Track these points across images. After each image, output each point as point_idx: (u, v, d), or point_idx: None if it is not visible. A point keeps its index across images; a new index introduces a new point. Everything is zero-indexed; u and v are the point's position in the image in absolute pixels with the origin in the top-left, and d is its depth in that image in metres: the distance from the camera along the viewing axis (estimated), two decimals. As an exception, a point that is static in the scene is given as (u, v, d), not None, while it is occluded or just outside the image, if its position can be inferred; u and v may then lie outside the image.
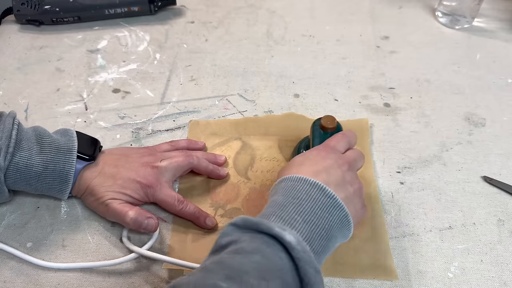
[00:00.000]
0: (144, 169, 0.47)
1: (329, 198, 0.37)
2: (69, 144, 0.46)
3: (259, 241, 0.33)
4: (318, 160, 0.40)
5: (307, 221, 0.35)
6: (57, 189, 0.46)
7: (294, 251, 0.33)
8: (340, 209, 0.37)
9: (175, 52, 0.69)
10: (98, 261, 0.44)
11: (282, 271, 0.32)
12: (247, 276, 0.31)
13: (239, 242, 0.34)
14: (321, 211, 0.36)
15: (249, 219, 0.35)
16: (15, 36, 0.71)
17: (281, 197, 0.38)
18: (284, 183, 0.39)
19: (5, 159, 0.42)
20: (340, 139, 0.44)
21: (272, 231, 0.33)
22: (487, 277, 0.44)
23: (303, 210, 0.36)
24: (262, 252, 0.33)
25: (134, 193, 0.46)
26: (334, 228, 0.37)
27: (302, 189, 0.37)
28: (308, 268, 0.32)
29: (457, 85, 0.64)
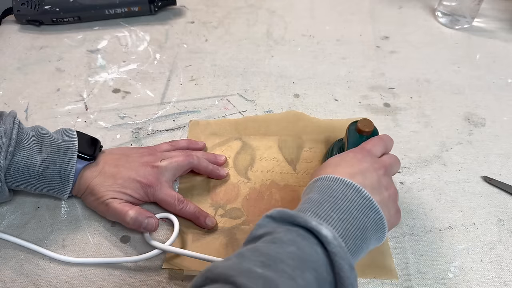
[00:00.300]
0: (144, 169, 0.47)
1: (365, 199, 0.37)
2: (70, 143, 0.46)
3: (295, 234, 0.33)
4: (354, 163, 0.40)
5: (342, 220, 0.35)
6: (57, 188, 0.46)
7: (330, 246, 0.32)
8: (375, 212, 0.37)
9: (175, 52, 0.69)
10: (123, 257, 0.45)
11: (317, 263, 0.32)
12: (283, 264, 0.30)
13: (274, 233, 0.34)
14: (357, 212, 0.36)
15: (285, 211, 0.35)
16: (15, 36, 0.71)
17: (316, 195, 0.37)
18: (319, 182, 0.39)
19: (5, 158, 0.42)
20: (376, 143, 0.43)
21: (309, 224, 0.33)
22: (487, 277, 0.44)
23: (339, 209, 0.36)
24: (297, 243, 0.32)
25: (134, 193, 0.46)
26: (369, 229, 0.36)
27: (338, 189, 0.37)
28: (343, 263, 0.32)
29: (457, 85, 0.64)
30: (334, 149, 0.52)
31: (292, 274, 0.30)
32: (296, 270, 0.31)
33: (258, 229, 0.35)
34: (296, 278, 0.30)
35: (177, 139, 0.55)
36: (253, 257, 0.31)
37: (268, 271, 0.30)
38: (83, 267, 0.45)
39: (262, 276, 0.29)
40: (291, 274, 0.30)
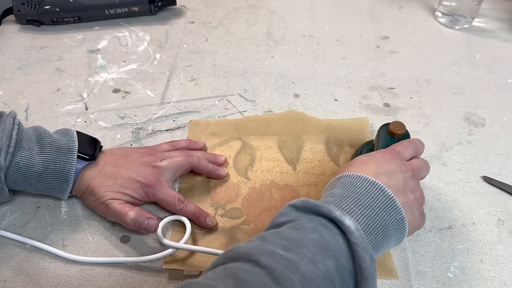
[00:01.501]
0: (144, 169, 0.47)
1: (387, 199, 0.37)
2: (70, 144, 0.46)
3: (317, 222, 0.34)
4: (382, 163, 0.40)
5: (364, 215, 0.35)
6: (57, 189, 0.46)
7: (353, 236, 0.33)
8: (397, 211, 0.37)
9: (175, 52, 0.69)
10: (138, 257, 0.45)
11: (338, 252, 0.32)
12: (304, 249, 0.31)
13: (297, 220, 0.34)
14: (379, 209, 0.36)
15: (309, 201, 0.35)
16: (16, 36, 0.71)
17: (340, 190, 0.38)
18: (343, 179, 0.39)
19: (5, 159, 0.42)
20: (406, 146, 0.43)
21: (332, 214, 0.34)
22: (487, 277, 0.44)
23: (361, 204, 0.36)
24: (320, 232, 0.33)
25: (134, 193, 0.46)
26: (390, 228, 0.37)
27: (361, 186, 0.37)
28: (364, 254, 0.32)
29: (457, 85, 0.64)
30: (363, 151, 0.51)
31: (314, 259, 0.31)
32: (317, 255, 0.31)
33: (281, 217, 0.36)
34: (317, 263, 0.31)
35: (177, 139, 0.55)
36: (275, 240, 0.32)
37: (290, 253, 0.30)
38: (83, 267, 0.45)
39: (284, 257, 0.30)
40: (312, 259, 0.31)
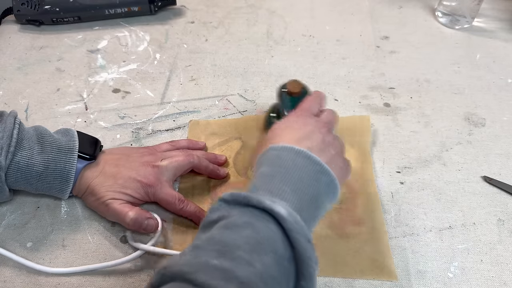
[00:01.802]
0: (144, 168, 0.47)
1: (315, 165, 0.37)
2: (70, 143, 0.46)
3: (249, 215, 0.34)
4: (299, 126, 0.41)
5: (295, 191, 0.36)
6: (57, 188, 0.46)
7: (286, 222, 0.33)
8: (327, 175, 0.38)
9: (175, 52, 0.69)
10: (100, 263, 0.44)
11: (274, 242, 0.32)
12: (239, 251, 0.31)
13: (229, 217, 0.34)
14: (309, 179, 0.37)
15: (238, 194, 0.35)
16: (15, 36, 0.71)
17: (267, 168, 0.38)
18: (269, 152, 0.39)
19: (6, 158, 0.42)
20: (312, 101, 0.45)
21: (262, 204, 0.33)
22: (487, 277, 0.44)
23: (290, 179, 0.36)
24: (252, 225, 0.33)
25: (134, 193, 0.46)
26: (322, 194, 0.37)
27: (288, 158, 0.37)
28: (299, 238, 0.33)
29: (457, 85, 0.64)
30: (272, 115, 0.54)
31: (249, 259, 0.30)
32: (253, 254, 0.31)
33: (212, 213, 0.35)
34: (254, 263, 0.30)
35: (177, 139, 0.55)
36: (208, 247, 0.31)
37: (225, 260, 0.30)
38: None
39: (218, 268, 0.29)
40: (248, 260, 0.30)
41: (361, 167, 0.53)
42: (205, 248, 0.31)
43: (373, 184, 0.51)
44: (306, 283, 0.33)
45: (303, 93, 0.48)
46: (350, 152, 0.54)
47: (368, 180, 0.51)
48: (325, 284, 0.44)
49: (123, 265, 0.45)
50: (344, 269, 0.44)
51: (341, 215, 0.48)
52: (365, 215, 0.48)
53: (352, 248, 0.46)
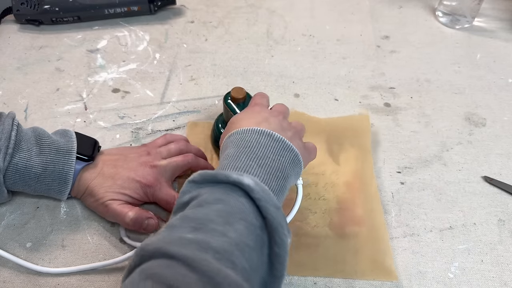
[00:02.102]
0: (143, 169, 0.47)
1: (278, 142, 0.39)
2: (69, 145, 0.46)
3: (219, 191, 0.35)
4: (255, 115, 0.43)
5: (261, 165, 0.37)
6: (56, 190, 0.46)
7: (254, 192, 0.34)
8: (289, 150, 0.40)
9: (175, 52, 0.69)
10: (98, 262, 0.44)
11: (245, 213, 0.34)
12: (212, 224, 0.32)
13: (199, 196, 0.35)
14: (273, 155, 0.38)
15: (206, 172, 0.36)
16: (15, 36, 0.71)
17: (232, 149, 0.39)
18: (232, 137, 0.41)
19: (4, 160, 0.42)
20: (261, 97, 0.47)
21: (230, 178, 0.35)
22: (488, 277, 0.44)
23: (256, 156, 0.38)
24: (223, 200, 0.34)
25: (133, 193, 0.46)
26: (287, 168, 0.39)
27: (251, 138, 0.39)
28: (268, 206, 0.34)
29: (457, 85, 0.64)
30: (219, 123, 0.55)
31: (223, 230, 0.32)
32: (226, 225, 0.32)
33: (183, 196, 0.36)
34: (227, 233, 0.32)
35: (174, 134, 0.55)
36: (183, 225, 0.32)
37: (199, 234, 0.31)
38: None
39: (194, 240, 0.30)
40: (221, 231, 0.32)
41: (361, 167, 0.53)
42: (179, 225, 0.32)
43: (373, 184, 0.51)
44: (279, 249, 0.34)
45: (247, 98, 0.50)
46: (350, 152, 0.54)
47: (368, 180, 0.51)
48: (325, 284, 0.44)
49: (123, 266, 0.45)
50: (344, 269, 0.44)
51: (341, 215, 0.48)
52: (365, 215, 0.48)
53: (352, 248, 0.46)
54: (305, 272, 0.44)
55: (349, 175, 0.52)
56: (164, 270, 0.28)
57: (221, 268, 0.29)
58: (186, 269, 0.28)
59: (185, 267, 0.28)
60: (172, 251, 0.29)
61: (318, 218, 0.48)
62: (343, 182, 0.51)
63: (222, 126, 0.54)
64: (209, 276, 0.28)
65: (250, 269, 0.31)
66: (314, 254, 0.45)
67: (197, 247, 0.30)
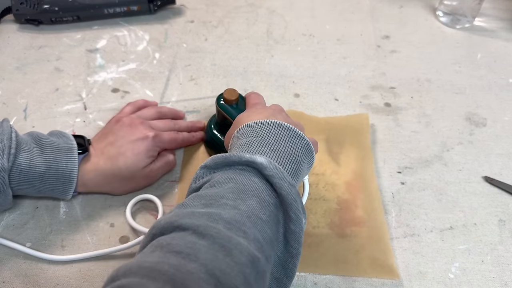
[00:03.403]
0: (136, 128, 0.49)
1: (288, 131, 0.39)
2: (69, 143, 0.46)
3: (231, 172, 0.35)
4: (261, 111, 0.43)
5: (273, 150, 0.37)
6: (61, 189, 0.46)
7: (267, 170, 0.34)
8: (300, 138, 0.39)
9: (175, 52, 0.68)
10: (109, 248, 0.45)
11: (257, 191, 0.34)
12: (223, 199, 0.32)
13: (211, 179, 0.35)
14: (285, 142, 0.38)
15: (218, 156, 0.36)
16: (14, 36, 0.71)
17: (243, 140, 0.39)
18: (242, 130, 0.40)
19: (8, 160, 0.42)
20: (258, 97, 0.48)
21: (243, 158, 0.35)
22: (488, 277, 0.44)
23: (267, 143, 0.38)
24: (235, 180, 0.34)
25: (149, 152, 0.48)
26: (299, 154, 0.38)
27: (262, 129, 0.39)
28: (282, 183, 0.34)
29: (458, 85, 0.64)
30: (211, 124, 0.54)
31: (234, 204, 0.32)
32: (238, 200, 0.32)
33: (196, 181, 0.36)
34: (238, 207, 0.32)
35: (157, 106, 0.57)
36: (195, 203, 0.32)
37: (211, 208, 0.31)
38: (82, 267, 0.44)
39: (205, 213, 0.30)
40: (233, 205, 0.32)
41: (361, 167, 0.52)
42: (191, 204, 0.33)
43: (374, 183, 0.51)
44: (294, 226, 0.34)
45: (239, 99, 0.49)
46: (350, 151, 0.54)
47: (369, 180, 0.51)
48: (325, 284, 0.43)
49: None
50: (346, 267, 0.44)
51: (341, 215, 0.48)
52: (366, 215, 0.48)
53: (353, 248, 0.46)
54: (306, 269, 0.44)
55: (349, 176, 0.52)
56: (174, 240, 0.28)
57: (232, 236, 0.29)
58: (196, 237, 0.28)
59: (196, 235, 0.28)
60: (183, 223, 0.29)
61: (318, 218, 0.48)
62: (344, 182, 0.51)
63: (214, 127, 0.53)
64: (220, 243, 0.28)
65: (264, 241, 0.31)
66: (315, 253, 0.45)
67: (208, 218, 0.30)
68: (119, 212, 0.49)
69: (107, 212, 0.49)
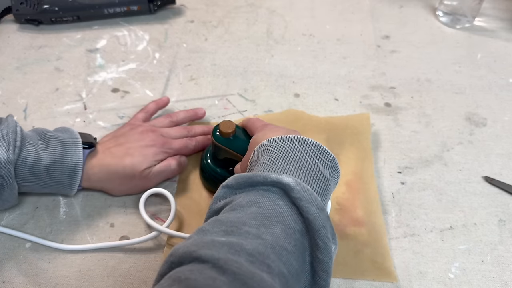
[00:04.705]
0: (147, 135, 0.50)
1: (313, 146, 0.37)
2: (73, 137, 0.47)
3: (254, 194, 0.33)
4: (277, 129, 0.41)
5: (300, 168, 0.35)
6: (65, 183, 0.46)
7: (294, 192, 0.32)
8: (326, 154, 0.37)
9: (175, 52, 0.68)
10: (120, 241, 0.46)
11: (282, 216, 0.31)
12: (245, 227, 0.30)
13: (233, 201, 0.33)
14: (310, 159, 0.36)
15: (241, 175, 0.34)
16: (14, 36, 0.71)
17: (266, 156, 0.37)
18: (263, 146, 0.38)
19: (13, 152, 0.42)
20: (260, 120, 0.46)
21: (268, 178, 0.32)
22: (488, 277, 0.44)
23: (292, 161, 0.35)
24: (258, 203, 0.32)
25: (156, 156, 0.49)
26: (326, 172, 0.36)
27: (285, 145, 0.37)
28: (310, 206, 0.31)
29: (458, 85, 0.64)
30: (208, 153, 0.51)
31: (257, 233, 0.29)
32: (261, 227, 0.30)
33: (217, 202, 0.34)
34: (261, 235, 0.29)
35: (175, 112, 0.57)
36: (215, 229, 0.30)
37: (232, 237, 0.29)
38: (82, 267, 0.44)
39: (226, 243, 0.28)
40: (256, 233, 0.29)
41: (361, 167, 0.52)
42: (210, 230, 0.30)
43: (373, 184, 0.51)
44: (322, 255, 0.31)
45: (236, 129, 0.47)
46: (351, 151, 0.54)
47: (368, 180, 0.51)
48: (326, 285, 0.43)
49: (122, 265, 0.44)
50: (345, 269, 0.44)
51: (341, 215, 0.48)
52: (365, 215, 0.48)
53: (352, 249, 0.46)
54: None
55: (349, 176, 0.52)
56: (193, 274, 0.26)
57: (255, 272, 0.26)
58: (216, 272, 0.26)
59: (216, 270, 0.26)
60: (202, 254, 0.27)
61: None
62: (343, 182, 0.51)
63: (210, 157, 0.50)
64: (242, 280, 0.26)
65: (289, 274, 0.29)
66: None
67: (229, 249, 0.28)
68: (119, 212, 0.49)
69: (107, 212, 0.49)
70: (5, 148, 0.42)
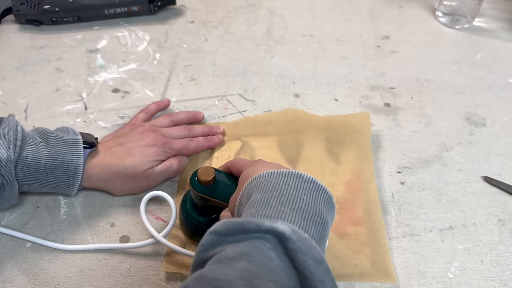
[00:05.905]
0: (148, 134, 0.50)
1: (309, 183, 0.34)
2: (74, 137, 0.47)
3: (244, 243, 0.29)
4: (267, 164, 0.39)
5: (295, 210, 0.32)
6: (66, 183, 0.46)
7: (290, 242, 0.28)
8: (323, 191, 0.35)
9: (175, 52, 0.69)
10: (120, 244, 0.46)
11: (274, 272, 0.28)
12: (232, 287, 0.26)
13: (222, 251, 0.30)
14: (307, 197, 0.33)
15: (231, 221, 0.30)
16: (15, 36, 0.71)
17: (258, 195, 0.33)
18: (254, 181, 0.35)
19: (14, 151, 0.43)
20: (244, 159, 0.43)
21: (262, 226, 0.29)
22: (488, 277, 0.44)
23: (287, 200, 0.32)
24: (247, 256, 0.28)
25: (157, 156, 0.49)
26: (323, 211, 0.33)
27: (278, 181, 0.34)
28: (306, 260, 0.28)
29: (457, 85, 0.64)
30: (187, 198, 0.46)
31: None
32: None
33: (205, 250, 0.30)
34: None
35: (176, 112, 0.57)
36: None
37: None
38: (82, 267, 0.45)
39: None
40: None
41: (361, 167, 0.52)
42: None
43: (373, 184, 0.51)
44: None
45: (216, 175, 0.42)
46: (350, 151, 0.54)
47: (368, 180, 0.51)
48: (325, 284, 0.43)
49: (122, 266, 0.45)
50: (343, 270, 0.44)
51: (340, 215, 0.48)
52: (365, 215, 0.48)
53: (351, 249, 0.46)
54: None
55: (349, 176, 0.52)
56: None
57: None
58: None
59: None
60: None
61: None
62: (343, 182, 0.51)
63: (189, 202, 0.46)
64: None
65: None
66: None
67: None
68: (120, 211, 0.49)
69: (107, 212, 0.49)
70: (6, 147, 0.42)
